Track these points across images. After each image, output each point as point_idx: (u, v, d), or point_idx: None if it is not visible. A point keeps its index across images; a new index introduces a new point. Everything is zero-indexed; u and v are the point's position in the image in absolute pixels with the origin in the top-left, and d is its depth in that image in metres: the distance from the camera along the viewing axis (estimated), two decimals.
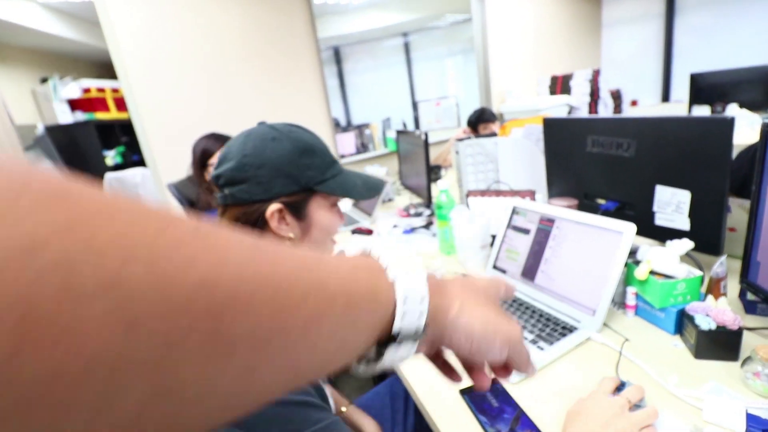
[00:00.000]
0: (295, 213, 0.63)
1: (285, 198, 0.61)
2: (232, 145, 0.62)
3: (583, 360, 0.74)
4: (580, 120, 1.13)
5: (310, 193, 0.63)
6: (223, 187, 0.61)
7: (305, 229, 0.65)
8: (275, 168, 0.59)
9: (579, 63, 3.85)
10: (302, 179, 0.61)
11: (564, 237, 0.90)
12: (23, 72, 3.62)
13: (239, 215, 0.60)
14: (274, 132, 0.61)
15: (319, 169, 0.63)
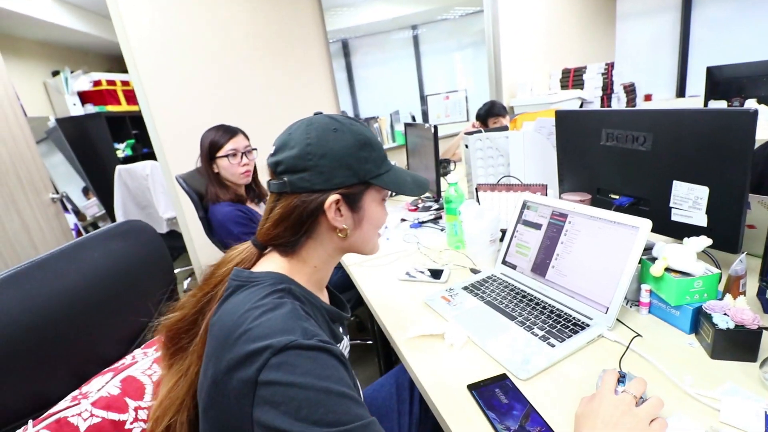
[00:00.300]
0: (351, 205, 0.63)
1: (344, 189, 0.60)
2: (292, 133, 0.61)
3: (595, 357, 0.72)
4: (594, 113, 1.10)
5: (366, 186, 0.63)
6: (282, 174, 0.60)
7: (358, 222, 0.64)
8: (337, 159, 0.59)
9: (592, 56, 3.78)
10: (360, 172, 0.61)
11: (577, 232, 0.89)
12: (35, 65, 3.65)
13: (297, 203, 0.59)
14: (335, 123, 0.61)
15: (375, 163, 0.63)
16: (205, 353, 0.54)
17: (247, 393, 0.45)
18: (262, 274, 0.59)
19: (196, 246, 2.43)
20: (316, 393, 0.44)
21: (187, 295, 0.63)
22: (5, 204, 2.13)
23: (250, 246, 0.64)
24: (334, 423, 0.43)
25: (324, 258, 0.65)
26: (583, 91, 3.33)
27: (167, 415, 0.56)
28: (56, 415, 0.54)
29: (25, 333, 0.60)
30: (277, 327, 0.49)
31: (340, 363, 0.49)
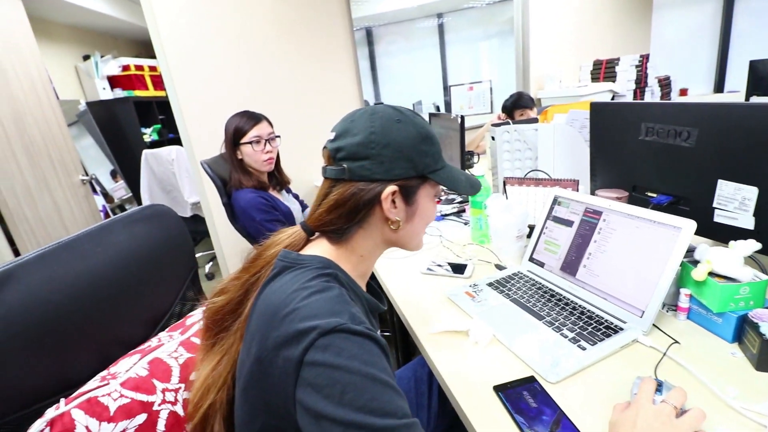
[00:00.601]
0: (406, 198, 0.62)
1: (401, 181, 0.60)
2: (355, 120, 0.60)
3: (629, 363, 0.69)
4: (634, 105, 1.05)
5: (422, 181, 0.63)
6: (341, 161, 0.59)
7: (410, 215, 0.64)
8: (399, 150, 0.59)
9: (626, 47, 3.62)
10: (420, 165, 0.60)
11: (612, 231, 0.84)
12: (67, 49, 3.73)
13: (354, 191, 0.59)
14: (399, 114, 0.61)
15: (434, 158, 0.62)
16: (249, 331, 0.54)
17: (291, 372, 0.45)
18: (309, 257, 0.59)
19: (219, 231, 2.46)
20: (362, 378, 0.43)
21: (229, 278, 0.63)
22: (38, 184, 2.20)
23: (299, 230, 0.64)
24: (379, 411, 0.42)
25: (371, 248, 0.65)
26: (615, 84, 3.20)
27: (211, 393, 0.57)
28: (87, 395, 0.55)
29: (53, 312, 0.60)
30: (326, 309, 0.48)
31: (384, 354, 0.48)
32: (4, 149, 2.01)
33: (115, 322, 0.71)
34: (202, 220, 2.79)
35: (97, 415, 0.54)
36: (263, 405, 0.50)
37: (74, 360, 0.63)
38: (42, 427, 0.51)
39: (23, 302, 0.57)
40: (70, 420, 0.52)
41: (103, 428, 0.53)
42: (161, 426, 0.59)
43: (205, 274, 3.20)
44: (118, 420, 0.55)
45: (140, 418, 0.57)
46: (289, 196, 1.79)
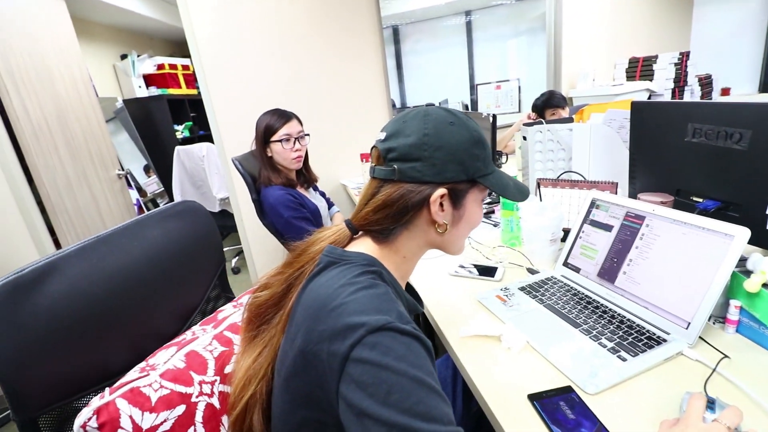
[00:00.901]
0: (454, 201, 0.61)
1: (451, 185, 0.59)
2: (407, 121, 0.60)
3: (673, 377, 0.65)
4: (680, 105, 0.99)
5: (472, 185, 0.62)
6: (392, 162, 0.59)
7: (457, 219, 0.63)
8: (451, 153, 0.58)
9: (664, 44, 3.47)
10: (470, 169, 0.60)
11: (656, 237, 0.80)
12: (106, 48, 3.88)
13: (403, 192, 0.58)
14: (452, 116, 0.60)
15: (485, 162, 0.62)
16: (293, 323, 0.54)
17: (336, 366, 0.44)
18: (354, 254, 0.58)
19: (246, 226, 2.50)
20: (409, 381, 0.42)
21: (271, 273, 0.64)
22: (78, 177, 2.29)
23: (344, 228, 0.64)
24: (425, 415, 0.41)
25: (414, 250, 0.64)
26: (652, 83, 3.07)
27: (252, 384, 0.58)
28: (129, 385, 0.56)
29: (93, 305, 0.62)
30: (373, 305, 0.48)
31: (430, 356, 0.48)
32: (48, 144, 2.10)
33: (149, 316, 0.73)
34: (230, 216, 2.85)
35: (139, 405, 0.55)
36: (304, 397, 0.50)
37: (112, 352, 0.65)
38: (89, 416, 0.52)
39: (66, 294, 0.59)
40: (115, 409, 0.53)
41: (145, 418, 0.55)
42: (199, 418, 0.60)
43: (231, 269, 3.26)
44: (159, 410, 0.56)
45: (179, 410, 0.58)
46: (316, 193, 1.80)
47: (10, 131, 1.92)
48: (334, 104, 2.57)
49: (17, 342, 0.52)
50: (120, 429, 0.53)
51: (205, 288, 0.90)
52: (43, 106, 2.11)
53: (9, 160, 1.88)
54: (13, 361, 0.52)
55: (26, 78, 2.02)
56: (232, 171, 2.36)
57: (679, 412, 0.55)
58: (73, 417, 0.59)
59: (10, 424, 1.89)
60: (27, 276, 0.56)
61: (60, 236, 2.12)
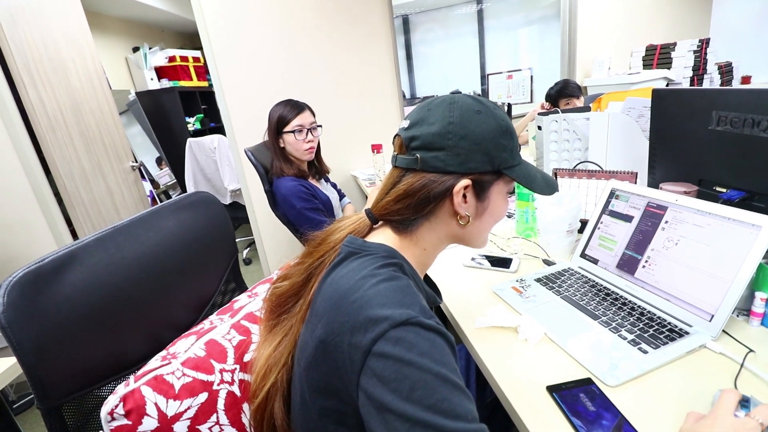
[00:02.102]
0: (478, 193, 0.59)
1: (475, 176, 0.57)
2: (432, 109, 0.58)
3: (696, 370, 0.64)
4: (704, 92, 0.96)
5: (497, 176, 0.59)
6: (415, 150, 0.57)
7: (480, 212, 0.61)
8: (477, 142, 0.56)
9: (683, 31, 3.37)
10: (496, 160, 0.57)
11: (678, 228, 0.78)
12: (118, 41, 3.90)
13: (425, 183, 0.57)
14: (478, 105, 0.58)
15: (511, 153, 0.59)
16: (314, 313, 0.53)
17: (358, 359, 0.44)
18: (375, 245, 0.57)
19: (258, 217, 2.52)
20: (433, 378, 0.41)
21: (291, 263, 0.63)
22: (93, 169, 2.32)
23: (363, 217, 0.63)
24: (450, 413, 0.40)
25: (435, 242, 0.62)
26: (669, 71, 2.99)
27: (273, 373, 0.58)
28: (153, 373, 0.57)
29: (113, 294, 0.63)
30: (396, 299, 0.47)
31: (453, 352, 0.47)
32: (64, 136, 2.13)
33: (164, 305, 0.73)
34: (241, 207, 2.86)
35: (164, 393, 0.55)
36: (324, 386, 0.49)
37: (129, 341, 0.66)
38: (116, 403, 0.53)
39: (86, 283, 0.59)
40: (141, 396, 0.54)
41: (170, 405, 0.55)
42: (221, 405, 0.60)
43: (242, 260, 3.30)
44: (182, 398, 0.57)
45: (202, 397, 0.59)
46: (327, 185, 1.80)
47: (28, 124, 1.94)
48: (344, 95, 2.55)
49: (40, 331, 0.53)
50: (146, 416, 0.53)
51: (218, 278, 0.91)
52: (59, 98, 2.13)
53: (27, 152, 1.91)
54: (36, 350, 0.52)
55: (42, 71, 2.04)
56: (244, 162, 2.36)
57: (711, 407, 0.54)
58: (93, 406, 0.60)
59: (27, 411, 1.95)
60: (48, 265, 0.56)
61: (77, 227, 2.16)
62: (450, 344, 0.46)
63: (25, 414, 1.91)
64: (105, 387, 0.62)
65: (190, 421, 0.57)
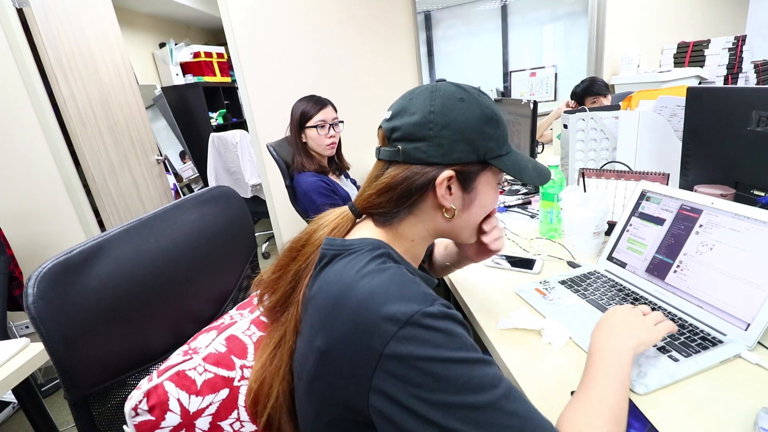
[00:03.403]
0: (464, 184, 0.57)
1: (459, 166, 0.55)
2: (414, 98, 0.56)
3: (730, 380, 0.61)
4: (743, 90, 0.92)
5: (483, 166, 0.57)
6: (396, 142, 0.56)
7: (467, 203, 0.59)
8: (460, 131, 0.53)
9: (717, 28, 3.24)
10: (482, 150, 0.55)
11: (713, 232, 0.75)
12: (145, 37, 4.00)
13: (407, 175, 0.55)
14: (462, 92, 0.55)
15: (498, 142, 0.56)
16: (309, 325, 0.52)
17: (367, 364, 0.43)
18: (357, 241, 0.55)
19: (278, 212, 2.54)
20: (453, 364, 0.42)
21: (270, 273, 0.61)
22: (120, 162, 2.38)
23: (346, 212, 0.61)
24: (479, 387, 0.41)
25: (422, 235, 0.60)
26: (702, 69, 2.88)
27: (274, 388, 0.56)
28: (175, 368, 0.57)
29: (138, 287, 0.63)
30: (395, 293, 0.45)
31: (464, 328, 0.46)
32: (93, 129, 2.19)
33: (188, 299, 0.73)
34: (261, 202, 2.90)
35: (186, 389, 0.56)
36: (330, 398, 0.48)
37: (153, 333, 0.66)
38: (140, 398, 0.53)
39: (112, 275, 0.59)
40: (164, 392, 0.54)
41: (192, 401, 0.55)
42: (241, 402, 0.60)
43: (261, 254, 3.34)
44: (204, 394, 0.57)
45: (223, 393, 0.59)
46: (347, 181, 1.80)
47: (59, 117, 2.01)
48: (365, 92, 2.55)
49: (68, 321, 0.53)
50: (169, 411, 0.54)
51: (238, 272, 0.91)
52: (89, 93, 2.19)
53: (58, 145, 1.98)
54: (64, 340, 0.53)
55: (73, 66, 2.10)
56: (265, 157, 2.39)
57: (754, 428, 0.51)
58: (117, 398, 0.60)
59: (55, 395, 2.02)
60: (75, 257, 0.56)
61: (104, 217, 2.22)
62: (459, 322, 0.46)
63: (52, 397, 1.99)
64: (129, 379, 0.62)
65: (212, 417, 0.57)
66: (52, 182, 2.01)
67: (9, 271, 1.73)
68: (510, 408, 0.41)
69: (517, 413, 0.41)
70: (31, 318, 0.51)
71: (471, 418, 0.40)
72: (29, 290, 0.51)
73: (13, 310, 1.80)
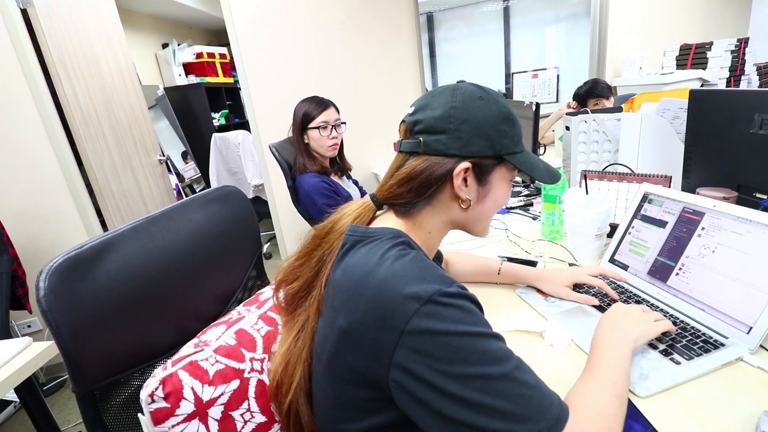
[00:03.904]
0: (479, 177, 0.60)
1: (477, 159, 0.58)
2: (435, 95, 0.60)
3: (732, 384, 0.61)
4: (746, 93, 0.92)
5: (499, 162, 0.61)
6: (418, 134, 0.59)
7: (482, 196, 0.62)
8: (478, 127, 0.57)
9: (720, 30, 3.24)
10: (497, 146, 0.59)
11: (716, 235, 0.75)
12: (148, 37, 4.01)
13: (427, 165, 0.58)
14: (481, 92, 0.59)
15: (513, 140, 0.61)
16: (330, 305, 0.54)
17: (389, 341, 0.45)
18: (379, 230, 0.58)
19: (280, 212, 2.55)
20: (471, 338, 0.45)
21: (299, 257, 0.63)
22: (122, 162, 2.39)
23: (367, 202, 0.64)
24: (494, 360, 0.45)
25: (438, 226, 0.64)
26: (705, 72, 2.88)
27: (297, 370, 0.58)
28: (188, 358, 0.58)
29: (145, 284, 0.64)
30: (415, 274, 0.48)
31: (479, 308, 0.50)
32: (96, 129, 2.20)
33: (193, 296, 0.74)
34: (263, 202, 2.90)
35: (199, 378, 0.57)
36: (350, 376, 0.50)
37: (158, 330, 0.67)
38: (156, 386, 0.54)
39: (121, 271, 0.61)
40: (178, 380, 0.55)
41: (205, 390, 0.57)
42: (252, 393, 0.61)
43: (263, 254, 3.34)
44: (216, 384, 0.58)
45: (234, 384, 0.60)
46: (349, 182, 1.80)
47: (62, 117, 2.02)
48: (367, 93, 2.56)
49: (77, 316, 0.54)
50: (183, 399, 0.55)
51: (243, 271, 0.92)
52: (92, 93, 2.20)
53: (61, 144, 1.98)
54: (74, 334, 0.54)
55: (76, 66, 2.11)
56: (268, 158, 2.40)
57: (756, 430, 0.51)
58: (123, 393, 0.62)
59: (56, 394, 2.03)
60: (86, 252, 0.58)
61: (106, 217, 2.23)
62: (474, 302, 0.49)
63: (53, 396, 1.99)
64: (134, 375, 0.63)
65: (224, 407, 0.58)
66: (55, 182, 2.01)
67: (12, 271, 1.73)
68: (522, 378, 0.45)
69: (528, 383, 0.45)
70: (41, 311, 0.52)
71: (487, 388, 0.43)
72: (40, 284, 0.52)
73: (15, 309, 1.81)
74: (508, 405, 0.43)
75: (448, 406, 0.43)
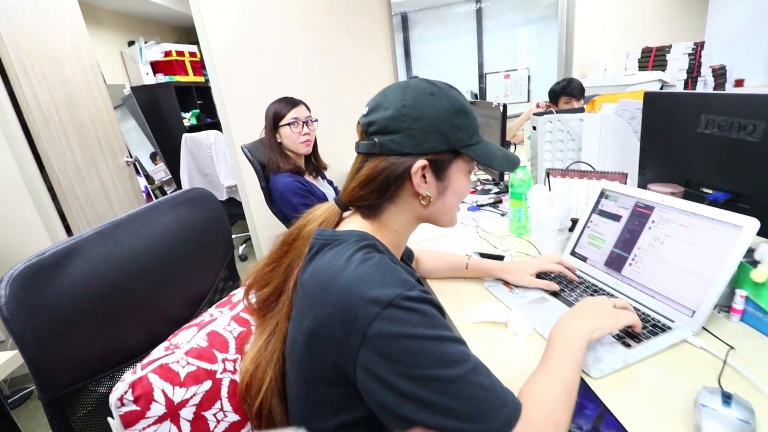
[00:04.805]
0: (437, 173, 0.61)
1: (432, 155, 0.59)
2: (387, 94, 0.60)
3: (677, 364, 0.66)
4: (694, 96, 0.98)
5: (455, 155, 0.62)
6: (373, 135, 0.60)
7: (442, 191, 0.63)
8: (430, 123, 0.58)
9: (678, 34, 3.41)
10: (452, 140, 0.59)
11: (664, 227, 0.81)
12: (113, 35, 3.87)
13: (385, 166, 0.59)
14: (432, 87, 0.60)
15: (468, 132, 0.61)
16: (298, 309, 0.56)
17: (353, 343, 0.47)
18: (345, 233, 0.59)
19: (254, 214, 2.52)
20: (431, 341, 0.47)
21: (263, 265, 0.64)
22: (87, 164, 2.31)
23: (333, 206, 0.65)
24: (451, 362, 0.46)
25: (404, 224, 0.65)
26: (664, 73, 3.03)
27: (268, 372, 0.60)
28: (158, 361, 0.58)
29: (111, 288, 0.63)
30: (378, 278, 0.50)
31: (440, 311, 0.52)
32: (58, 131, 2.12)
33: (162, 300, 0.74)
34: (237, 204, 2.86)
35: (170, 380, 0.57)
36: (319, 376, 0.52)
37: (127, 334, 0.66)
38: (125, 389, 0.54)
39: (86, 277, 0.60)
40: (148, 383, 0.55)
41: (176, 392, 0.57)
42: (224, 393, 0.62)
43: (238, 256, 3.30)
44: (188, 385, 0.58)
45: (206, 385, 0.60)
46: (324, 182, 1.81)
47: (21, 118, 1.93)
48: (342, 93, 2.56)
49: (41, 322, 0.54)
50: (154, 402, 0.55)
51: (215, 274, 0.91)
52: (53, 93, 2.12)
53: (21, 147, 1.90)
54: (38, 341, 0.53)
55: (36, 65, 2.03)
56: (240, 159, 2.37)
57: (695, 406, 0.55)
58: (91, 398, 0.61)
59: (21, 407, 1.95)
60: (48, 259, 0.57)
61: (71, 222, 2.15)
62: (435, 306, 0.51)
63: (19, 409, 1.91)
64: (103, 380, 0.63)
65: (196, 408, 0.59)
66: (15, 187, 1.93)
67: None
68: (477, 381, 0.47)
69: (483, 385, 0.47)
70: (3, 319, 0.51)
71: (444, 390, 0.45)
72: (1, 292, 0.51)
73: None
74: (462, 406, 0.45)
75: (407, 406, 0.45)
